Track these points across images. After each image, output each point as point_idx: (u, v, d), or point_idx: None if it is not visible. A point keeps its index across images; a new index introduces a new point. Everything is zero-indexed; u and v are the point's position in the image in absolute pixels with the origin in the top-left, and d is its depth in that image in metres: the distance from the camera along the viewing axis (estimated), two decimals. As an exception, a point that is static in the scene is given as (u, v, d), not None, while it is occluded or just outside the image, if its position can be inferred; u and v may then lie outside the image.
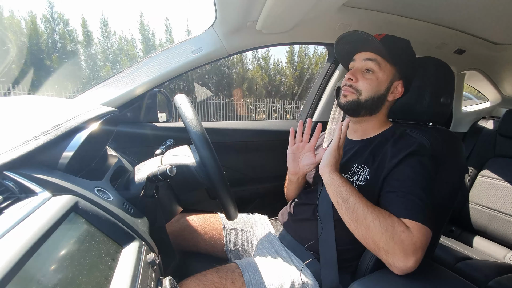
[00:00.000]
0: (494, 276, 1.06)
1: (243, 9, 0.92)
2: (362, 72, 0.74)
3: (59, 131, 0.50)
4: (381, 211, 0.61)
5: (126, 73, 1.04)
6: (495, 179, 1.40)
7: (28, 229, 0.33)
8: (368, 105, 0.74)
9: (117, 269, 0.41)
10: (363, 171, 0.73)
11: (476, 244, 1.42)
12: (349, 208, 0.62)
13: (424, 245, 0.57)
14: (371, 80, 0.73)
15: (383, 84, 0.74)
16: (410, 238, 0.56)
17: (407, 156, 0.67)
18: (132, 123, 1.08)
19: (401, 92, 0.76)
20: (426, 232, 0.58)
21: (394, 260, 0.57)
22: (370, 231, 0.58)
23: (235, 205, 0.68)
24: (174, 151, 0.73)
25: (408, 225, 0.58)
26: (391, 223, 0.58)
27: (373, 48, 0.73)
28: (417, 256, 0.56)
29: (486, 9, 1.02)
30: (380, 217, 0.59)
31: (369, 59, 0.73)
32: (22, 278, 0.29)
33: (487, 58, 1.46)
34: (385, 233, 0.57)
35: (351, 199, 0.62)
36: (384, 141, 0.76)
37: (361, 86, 0.74)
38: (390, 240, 0.56)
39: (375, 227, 0.58)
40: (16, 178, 0.40)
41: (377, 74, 0.73)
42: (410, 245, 0.56)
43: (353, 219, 0.61)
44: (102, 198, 0.50)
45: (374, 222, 0.58)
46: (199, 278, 0.67)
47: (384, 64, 0.73)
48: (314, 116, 1.50)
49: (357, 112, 0.76)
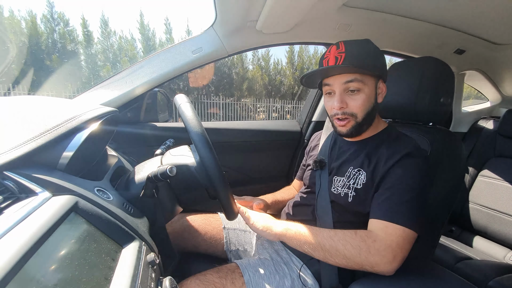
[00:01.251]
0: (494, 276, 1.06)
1: (243, 9, 0.92)
2: (347, 94, 0.69)
3: (59, 131, 0.50)
4: (345, 232, 0.63)
5: (126, 73, 1.04)
6: (495, 179, 1.40)
7: (28, 229, 0.33)
8: (367, 121, 0.72)
9: (117, 269, 0.41)
10: (359, 174, 0.72)
11: (476, 244, 1.41)
12: (316, 249, 0.64)
13: (401, 244, 0.59)
14: (361, 99, 0.68)
15: (372, 95, 0.70)
16: (383, 243, 0.59)
17: (401, 158, 0.67)
18: (132, 123, 1.08)
19: (385, 89, 0.74)
20: (402, 233, 0.60)
21: (380, 269, 0.59)
22: (348, 258, 0.60)
23: (235, 205, 0.68)
24: (174, 151, 0.73)
25: (382, 227, 0.61)
26: (361, 239, 0.60)
27: (345, 70, 0.67)
28: (398, 257, 0.59)
29: (486, 9, 1.02)
30: (348, 240, 0.61)
31: (349, 80, 0.67)
32: (22, 278, 0.29)
33: (487, 58, 1.46)
34: (361, 252, 0.59)
35: (312, 240, 0.64)
36: (380, 143, 0.75)
37: (354, 109, 0.69)
38: (369, 255, 0.58)
39: (350, 252, 0.60)
40: (16, 178, 0.40)
41: (364, 90, 0.68)
42: (387, 250, 0.58)
43: (327, 256, 0.63)
44: (102, 198, 0.50)
45: (346, 248, 0.60)
46: (199, 278, 0.67)
47: (365, 78, 0.68)
48: (314, 116, 1.50)
49: (360, 132, 0.74)
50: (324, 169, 0.81)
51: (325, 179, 0.80)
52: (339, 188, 0.75)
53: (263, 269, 0.73)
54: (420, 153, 0.69)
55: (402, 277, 0.58)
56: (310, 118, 1.50)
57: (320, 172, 0.82)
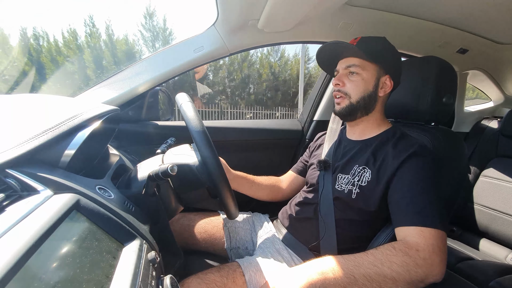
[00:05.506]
0: (496, 276, 1.05)
1: (245, 8, 0.92)
2: (347, 75, 0.77)
3: (61, 130, 0.51)
4: (383, 252, 0.57)
5: (128, 71, 1.04)
6: (497, 180, 1.39)
7: (30, 227, 0.33)
8: (361, 105, 0.76)
9: (118, 267, 0.41)
10: (365, 172, 0.73)
11: (478, 244, 1.41)
12: (364, 284, 0.55)
13: (441, 246, 0.58)
14: (357, 81, 0.75)
15: (370, 82, 0.75)
16: (427, 251, 0.56)
17: (408, 157, 0.67)
18: (133, 122, 1.08)
19: (390, 86, 0.77)
20: (438, 234, 0.58)
21: (431, 279, 0.56)
22: (397, 280, 0.54)
23: (236, 204, 0.68)
24: (175, 149, 0.73)
25: (417, 233, 0.58)
26: (403, 253, 0.55)
27: (351, 53, 0.77)
28: (444, 260, 0.57)
29: (489, 8, 1.02)
30: (392, 259, 0.55)
31: (350, 65, 0.76)
32: (24, 276, 0.29)
33: (490, 58, 1.45)
34: (409, 268, 0.54)
35: (356, 276, 0.55)
36: (385, 141, 0.76)
37: (349, 89, 0.76)
38: (418, 269, 0.54)
39: (398, 272, 0.54)
40: (18, 176, 0.41)
41: (362, 74, 0.75)
42: (432, 257, 0.55)
43: (375, 287, 0.55)
44: (104, 197, 0.50)
45: (393, 269, 0.54)
46: (201, 277, 0.67)
47: (365, 64, 0.75)
48: (315, 115, 1.50)
49: (354, 115, 0.78)
50: (328, 170, 0.82)
51: (328, 179, 0.80)
52: (343, 185, 0.75)
53: (264, 269, 0.73)
54: (427, 152, 0.70)
55: None
56: (311, 117, 1.50)
57: (324, 172, 0.82)
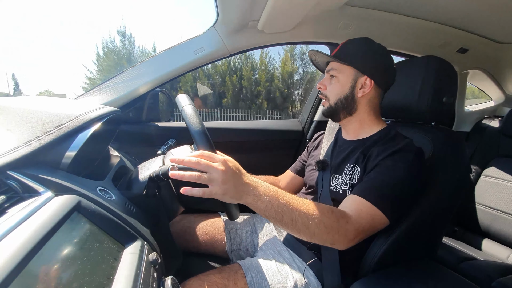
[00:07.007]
0: (498, 276, 1.05)
1: (245, 9, 0.92)
2: (329, 79, 0.82)
3: (61, 131, 0.51)
4: (322, 210, 0.58)
5: (128, 73, 1.04)
6: (499, 179, 1.38)
7: (31, 228, 0.33)
8: (340, 107, 0.79)
9: (119, 269, 0.41)
10: (355, 170, 0.74)
11: (479, 244, 1.40)
12: (287, 224, 0.56)
13: (367, 228, 0.61)
14: (334, 84, 0.80)
15: (346, 84, 0.78)
16: (353, 226, 0.59)
17: (392, 153, 0.68)
18: (134, 123, 1.09)
19: (370, 86, 0.77)
20: (374, 213, 0.61)
21: (337, 246, 0.60)
22: (314, 235, 0.57)
23: (236, 205, 0.68)
24: (176, 150, 0.73)
25: (356, 206, 0.62)
26: (335, 219, 0.59)
27: (327, 58, 0.82)
28: (357, 239, 0.61)
29: (489, 8, 1.02)
30: (323, 219, 0.57)
31: (330, 69, 0.82)
32: (25, 277, 0.29)
33: (490, 57, 1.45)
34: (330, 231, 0.58)
35: (285, 216, 0.55)
36: (377, 140, 0.77)
37: (328, 92, 0.81)
38: (335, 234, 0.58)
39: (320, 230, 0.57)
40: (20, 177, 0.41)
41: (338, 77, 0.79)
42: (353, 233, 0.59)
43: (294, 232, 0.57)
44: (104, 198, 0.50)
45: (318, 227, 0.56)
46: (202, 279, 0.67)
47: (342, 67, 0.79)
48: (315, 115, 1.50)
49: (336, 116, 0.82)
50: (326, 170, 0.82)
51: (327, 179, 0.80)
52: (338, 186, 0.76)
53: (266, 270, 0.73)
54: (410, 148, 0.70)
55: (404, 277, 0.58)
56: (312, 118, 1.50)
57: (323, 173, 0.82)
